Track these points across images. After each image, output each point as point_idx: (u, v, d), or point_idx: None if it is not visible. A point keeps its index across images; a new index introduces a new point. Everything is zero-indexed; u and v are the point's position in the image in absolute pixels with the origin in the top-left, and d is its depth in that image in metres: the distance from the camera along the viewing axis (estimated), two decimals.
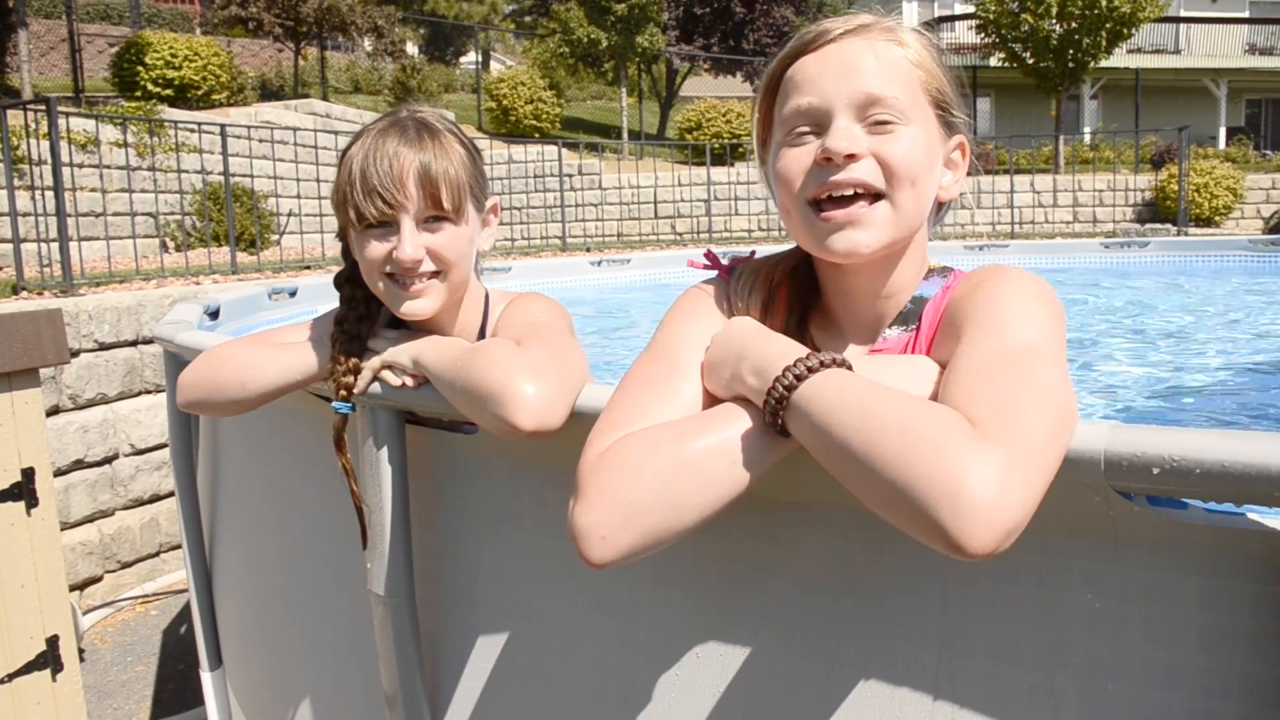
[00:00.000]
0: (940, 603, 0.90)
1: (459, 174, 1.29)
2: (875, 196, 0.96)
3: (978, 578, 0.88)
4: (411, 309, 1.29)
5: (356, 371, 1.29)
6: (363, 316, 1.35)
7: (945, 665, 0.90)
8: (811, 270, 1.09)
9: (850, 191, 0.96)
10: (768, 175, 1.06)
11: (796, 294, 1.08)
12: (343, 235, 1.36)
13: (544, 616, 1.19)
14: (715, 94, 21.07)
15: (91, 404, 4.47)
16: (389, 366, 1.27)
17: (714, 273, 1.12)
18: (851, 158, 0.95)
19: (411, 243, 1.25)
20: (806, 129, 0.98)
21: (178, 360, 2.25)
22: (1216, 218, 14.85)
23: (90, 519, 4.47)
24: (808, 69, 0.99)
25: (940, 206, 1.07)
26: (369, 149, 1.25)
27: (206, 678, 2.34)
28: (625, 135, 18.70)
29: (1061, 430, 0.77)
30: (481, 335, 1.41)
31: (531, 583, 1.21)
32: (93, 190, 7.98)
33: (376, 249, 1.26)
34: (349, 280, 1.36)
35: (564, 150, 13.30)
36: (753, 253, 1.14)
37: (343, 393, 1.29)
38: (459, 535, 1.31)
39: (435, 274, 1.29)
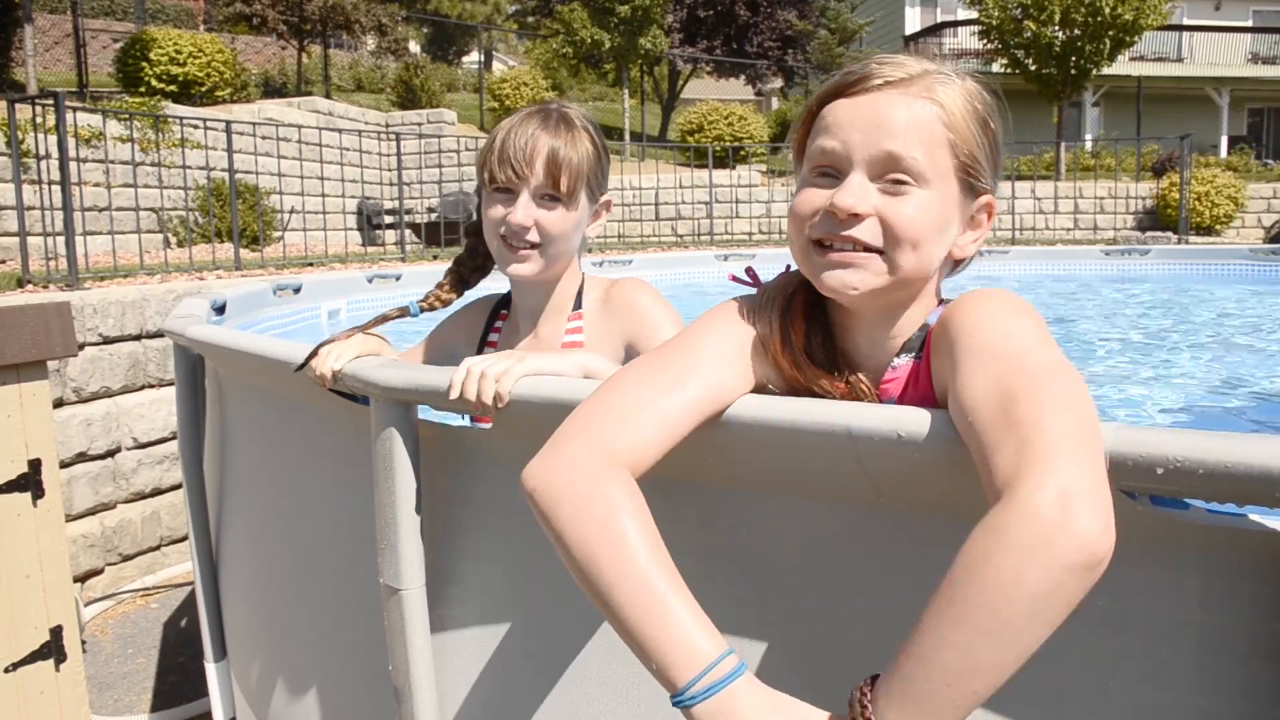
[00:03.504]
0: None
1: (581, 164, 1.49)
2: (875, 251, 0.98)
3: None
4: (515, 270, 1.51)
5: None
6: (477, 268, 1.62)
7: None
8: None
9: (850, 246, 0.98)
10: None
11: (815, 311, 1.08)
12: (478, 192, 1.57)
13: (554, 611, 1.21)
14: (717, 97, 21.10)
15: (95, 397, 4.48)
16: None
17: (753, 290, 1.12)
18: (856, 216, 0.97)
19: (524, 210, 1.47)
20: (826, 169, 1.00)
21: (187, 354, 2.26)
22: (1217, 226, 14.86)
23: (92, 511, 4.47)
24: (839, 112, 1.00)
25: (958, 262, 1.08)
26: (513, 125, 1.48)
27: (211, 669, 2.35)
28: (627, 137, 18.70)
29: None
30: (577, 307, 1.60)
31: (542, 577, 1.22)
32: (96, 185, 7.99)
33: (497, 210, 1.49)
34: (475, 232, 1.60)
35: None
36: (788, 267, 1.13)
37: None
38: (471, 529, 1.32)
39: (537, 245, 1.49)
